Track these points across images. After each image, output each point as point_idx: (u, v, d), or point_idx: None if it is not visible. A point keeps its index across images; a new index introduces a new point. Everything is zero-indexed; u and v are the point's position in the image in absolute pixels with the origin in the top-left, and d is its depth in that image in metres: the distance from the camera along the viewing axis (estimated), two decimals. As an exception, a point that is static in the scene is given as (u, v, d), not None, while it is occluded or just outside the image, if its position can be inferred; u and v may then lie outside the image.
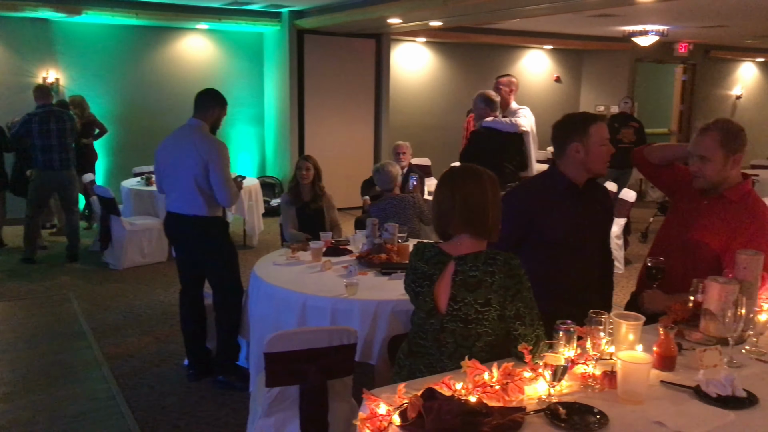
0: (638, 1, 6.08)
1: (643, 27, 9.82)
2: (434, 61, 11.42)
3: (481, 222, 2.14)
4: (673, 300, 2.43)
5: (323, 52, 9.48)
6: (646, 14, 8.70)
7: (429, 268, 2.19)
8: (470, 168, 2.24)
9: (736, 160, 2.58)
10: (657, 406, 1.80)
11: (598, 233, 2.76)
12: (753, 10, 8.18)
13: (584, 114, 2.67)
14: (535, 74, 12.52)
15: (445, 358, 2.15)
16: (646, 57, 12.31)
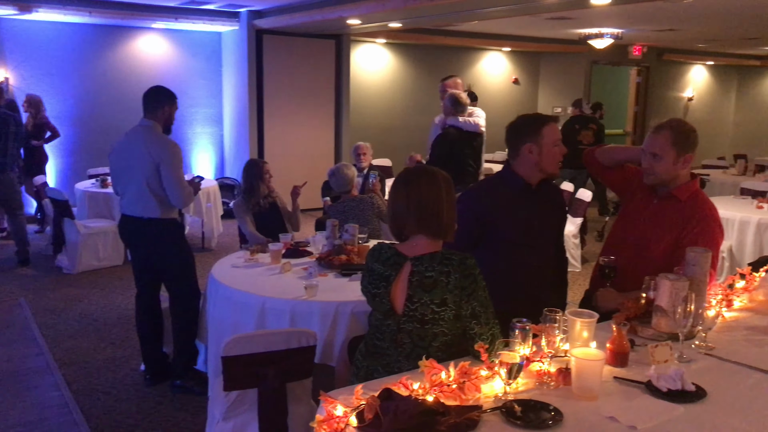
0: (593, 5, 6.18)
1: (599, 30, 10.03)
2: (394, 63, 11.45)
3: (435, 222, 2.15)
4: (625, 297, 2.48)
5: (282, 53, 9.42)
6: (601, 17, 8.88)
7: (385, 269, 2.19)
8: (424, 169, 2.26)
9: (686, 159, 2.65)
10: (610, 402, 1.83)
11: (552, 232, 2.81)
12: (702, 16, 8.42)
13: (537, 115, 2.72)
14: (494, 76, 12.66)
15: (402, 359, 2.15)
16: (602, 59, 12.57)
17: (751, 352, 2.20)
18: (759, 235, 5.86)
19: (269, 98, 9.43)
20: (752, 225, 5.87)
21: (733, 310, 2.63)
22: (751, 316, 2.57)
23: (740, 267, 3.03)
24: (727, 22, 9.03)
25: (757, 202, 6.23)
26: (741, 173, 9.02)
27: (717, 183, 8.73)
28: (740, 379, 2.00)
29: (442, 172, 2.23)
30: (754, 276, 2.83)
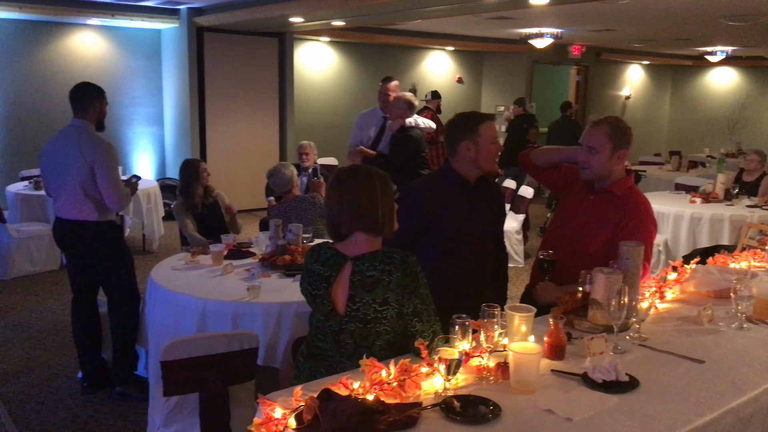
0: (532, 5, 6.30)
1: (539, 30, 10.22)
2: (339, 61, 11.42)
3: (370, 219, 2.15)
4: (563, 291, 2.54)
5: (224, 51, 9.27)
6: (540, 17, 9.05)
7: (325, 270, 2.18)
8: (358, 168, 2.26)
9: (621, 155, 2.73)
10: (548, 394, 1.86)
11: (492, 228, 2.85)
12: (637, 17, 8.69)
13: (474, 113, 2.76)
14: (438, 75, 12.77)
15: (345, 359, 2.14)
16: (543, 59, 12.83)
17: (681, 342, 2.28)
18: (692, 228, 6.09)
19: (211, 97, 9.27)
20: (686, 219, 6.09)
21: (666, 301, 2.72)
22: (682, 306, 2.66)
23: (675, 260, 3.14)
24: (660, 23, 9.34)
25: (690, 197, 6.46)
26: (676, 169, 9.36)
27: (653, 178, 9.04)
28: (671, 368, 2.07)
29: (379, 171, 2.23)
30: (685, 268, 2.93)
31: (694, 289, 2.81)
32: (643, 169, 9.43)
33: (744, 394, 1.91)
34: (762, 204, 6.16)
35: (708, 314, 2.48)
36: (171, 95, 9.53)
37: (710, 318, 2.48)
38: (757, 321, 2.49)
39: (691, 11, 8.01)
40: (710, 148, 11.77)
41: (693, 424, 1.73)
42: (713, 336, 2.35)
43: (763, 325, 2.46)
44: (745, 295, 2.42)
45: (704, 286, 2.78)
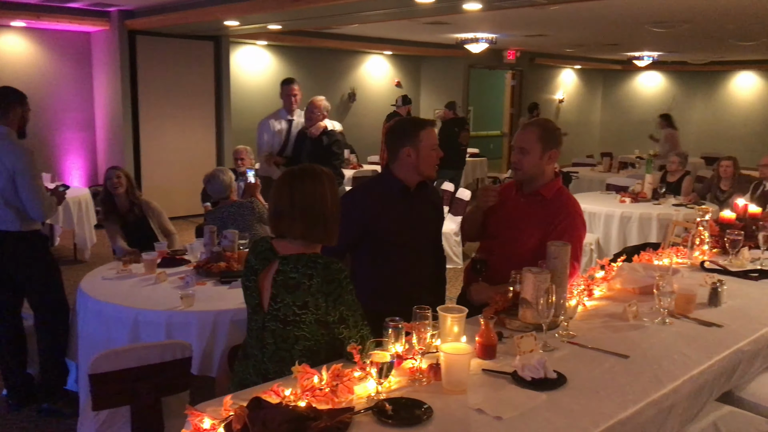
0: (466, 10, 6.40)
1: (474, 35, 10.40)
2: (277, 65, 11.33)
3: (317, 223, 2.16)
4: (496, 291, 2.59)
5: (158, 54, 9.06)
6: (475, 23, 9.22)
7: (257, 262, 2.19)
8: (311, 168, 2.26)
9: (551, 156, 2.81)
10: (479, 394, 1.89)
11: (430, 232, 2.89)
12: (568, 22, 8.95)
13: (415, 119, 2.81)
14: (377, 79, 12.83)
15: (267, 360, 2.15)
16: (479, 63, 13.05)
17: (608, 338, 2.35)
18: (622, 227, 6.30)
19: (145, 102, 9.04)
20: (616, 218, 6.29)
21: (594, 299, 2.81)
22: (609, 303, 2.74)
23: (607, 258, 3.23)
24: (589, 28, 9.64)
25: (620, 197, 6.68)
26: (607, 170, 9.66)
27: (585, 179, 9.30)
28: (598, 364, 2.13)
29: (330, 172, 2.25)
30: (612, 266, 3.02)
31: (621, 287, 2.91)
32: (576, 171, 9.70)
33: (665, 386, 1.99)
34: (687, 203, 6.42)
35: (633, 310, 2.57)
36: (102, 100, 9.25)
37: (635, 314, 2.57)
38: (678, 315, 2.60)
39: (619, 17, 8.31)
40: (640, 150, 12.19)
41: (616, 417, 1.79)
42: (638, 331, 2.44)
43: (684, 319, 2.57)
44: (667, 291, 2.52)
45: (630, 283, 2.88)
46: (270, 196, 2.28)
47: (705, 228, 3.49)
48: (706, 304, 2.74)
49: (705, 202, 6.47)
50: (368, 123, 12.15)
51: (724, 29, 9.20)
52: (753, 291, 2.97)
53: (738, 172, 6.73)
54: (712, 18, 8.13)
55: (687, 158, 7.47)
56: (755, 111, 15.66)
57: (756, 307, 2.75)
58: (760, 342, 2.46)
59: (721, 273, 3.14)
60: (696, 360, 2.18)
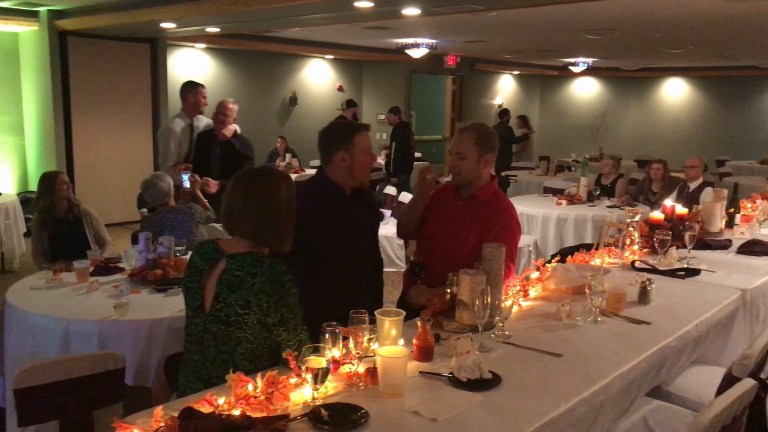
0: (404, 15, 6.45)
1: (415, 40, 10.49)
2: (216, 68, 11.15)
3: (269, 226, 2.15)
4: (433, 294, 2.61)
5: (91, 56, 8.79)
6: (415, 28, 9.30)
7: (202, 263, 2.17)
8: (269, 170, 2.26)
9: (488, 160, 2.85)
10: (415, 397, 1.90)
11: (367, 235, 2.89)
12: (505, 28, 9.13)
13: (350, 123, 2.81)
14: (318, 83, 12.79)
15: (209, 364, 2.11)
16: (420, 68, 13.17)
17: (542, 338, 2.40)
18: (559, 229, 6.45)
19: (77, 105, 8.75)
20: (553, 220, 6.45)
21: (529, 299, 2.86)
22: (543, 303, 2.80)
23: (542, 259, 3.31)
24: (526, 35, 9.86)
25: (557, 199, 6.84)
26: (544, 173, 9.88)
27: (524, 182, 9.49)
28: (532, 363, 2.17)
29: (288, 175, 2.25)
30: (546, 267, 3.09)
31: (555, 287, 2.97)
32: (515, 174, 9.88)
33: (596, 383, 2.04)
34: (620, 204, 6.63)
35: (566, 310, 2.63)
36: (32, 103, 8.90)
37: (568, 313, 2.63)
38: (609, 314, 2.67)
39: (555, 24, 8.53)
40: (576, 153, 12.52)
41: (549, 415, 1.83)
42: (571, 330, 2.50)
43: (615, 318, 2.65)
44: (599, 290, 2.59)
45: (563, 283, 2.95)
46: (224, 193, 2.25)
47: (635, 229, 3.61)
48: (636, 302, 2.82)
49: (637, 203, 6.69)
50: (310, 127, 12.08)
51: (653, 37, 9.56)
52: (680, 289, 3.08)
53: (668, 175, 6.99)
54: (641, 26, 8.44)
55: (620, 161, 7.72)
56: (683, 115, 16.33)
57: (682, 304, 2.85)
58: (685, 338, 2.56)
59: (650, 272, 3.25)
60: (625, 357, 2.25)
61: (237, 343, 2.08)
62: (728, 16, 7.32)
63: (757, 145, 14.56)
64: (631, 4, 6.76)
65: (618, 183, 7.13)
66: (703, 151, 14.44)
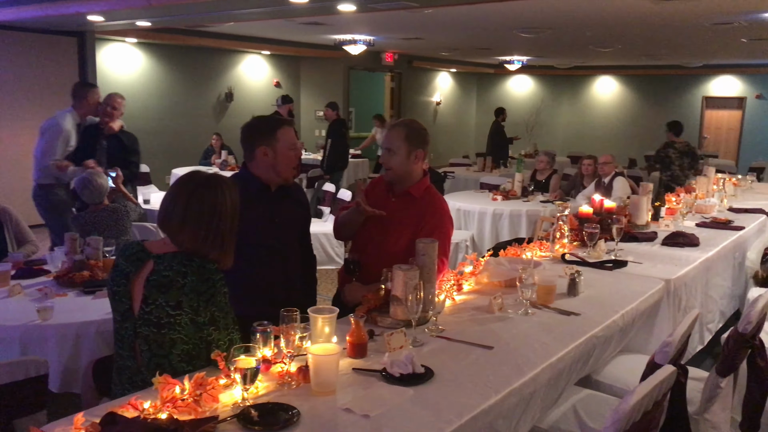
0: (340, 11, 6.42)
1: (352, 36, 10.47)
2: (148, 63, 10.84)
3: (208, 236, 2.08)
4: (368, 290, 2.60)
5: (13, 49, 8.40)
6: (352, 24, 9.27)
7: (128, 265, 2.08)
8: (213, 177, 2.18)
9: (418, 155, 2.86)
10: (348, 394, 1.89)
11: (296, 232, 2.84)
12: (442, 26, 9.21)
13: (272, 118, 2.75)
14: (255, 79, 12.61)
15: (143, 369, 2.03)
16: (358, 65, 13.15)
17: (474, 331, 2.43)
18: (495, 223, 6.56)
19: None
20: (489, 215, 6.56)
21: (463, 293, 2.90)
22: (477, 297, 2.84)
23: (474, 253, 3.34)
24: (463, 32, 9.98)
25: (493, 195, 6.96)
26: (481, 170, 10.04)
27: (461, 179, 9.62)
28: (464, 356, 2.19)
29: (231, 181, 2.19)
30: (480, 261, 3.14)
31: (488, 280, 3.02)
32: (452, 171, 10.00)
33: (525, 374, 2.08)
34: (553, 199, 6.79)
35: (498, 302, 2.67)
36: (-51, 98, 8.46)
37: (500, 306, 2.67)
38: (540, 306, 2.73)
39: (490, 23, 8.66)
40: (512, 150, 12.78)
41: (480, 407, 1.85)
42: (502, 323, 2.54)
43: (545, 309, 2.70)
44: (529, 283, 2.64)
45: (496, 277, 2.99)
46: (163, 198, 2.17)
47: (565, 222, 3.70)
48: (565, 294, 2.90)
49: (570, 198, 6.87)
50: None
51: (584, 36, 9.83)
52: (608, 280, 3.18)
53: (598, 169, 7.19)
54: (572, 25, 8.66)
55: (554, 158, 7.90)
56: (614, 112, 16.88)
57: (610, 295, 2.94)
58: (612, 328, 2.64)
59: (579, 264, 3.34)
60: (554, 348, 2.30)
61: (172, 345, 2.01)
62: (652, 17, 7.59)
63: (683, 141, 15.17)
64: (563, 3, 6.93)
65: (552, 178, 7.31)
66: (633, 146, 14.99)
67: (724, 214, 5.05)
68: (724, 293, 4.14)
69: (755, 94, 15.22)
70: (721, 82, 15.61)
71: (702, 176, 5.98)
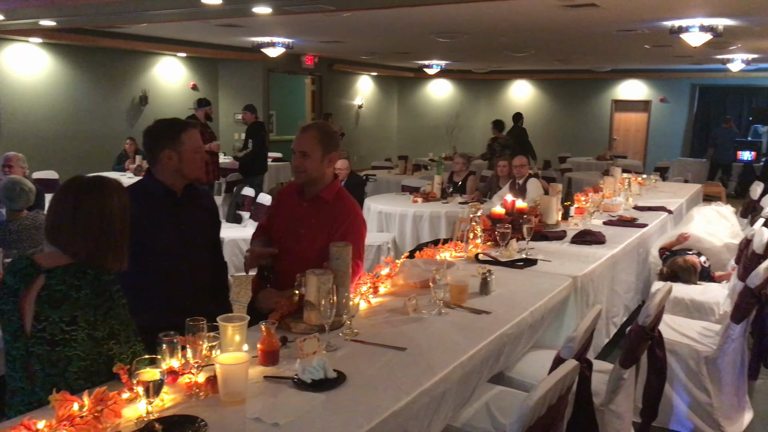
0: (255, 13, 6.34)
1: (271, 39, 10.35)
2: (55, 65, 10.35)
3: (101, 242, 1.99)
4: (282, 296, 2.57)
5: None
6: (270, 27, 9.17)
7: (16, 281, 1.95)
8: (99, 179, 2.08)
9: (331, 158, 2.85)
10: (258, 402, 1.86)
11: (205, 239, 2.77)
12: (360, 30, 9.25)
13: (176, 120, 2.67)
14: (171, 82, 12.28)
15: (38, 390, 1.92)
16: (278, 68, 13.02)
17: (388, 333, 2.45)
18: (415, 225, 6.62)
19: None
20: (410, 217, 6.61)
21: (379, 295, 2.91)
22: (392, 299, 2.86)
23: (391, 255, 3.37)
24: (381, 36, 10.06)
25: (413, 197, 7.03)
26: (403, 172, 10.11)
27: (383, 182, 9.66)
28: (377, 359, 2.20)
29: (118, 183, 2.10)
30: (396, 263, 3.16)
31: (403, 282, 3.05)
32: (374, 174, 10.05)
33: (436, 374, 2.11)
34: (471, 200, 6.92)
35: (413, 304, 2.70)
36: None
37: (415, 307, 2.70)
38: (453, 305, 2.78)
39: (407, 27, 8.76)
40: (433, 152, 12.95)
41: (390, 410, 1.86)
42: (416, 324, 2.57)
43: (458, 309, 2.75)
44: (443, 283, 2.68)
45: (411, 278, 3.03)
46: (48, 209, 2.06)
47: (478, 223, 3.78)
48: (478, 293, 2.96)
49: (487, 199, 7.03)
50: (163, 128, 11.57)
51: (499, 41, 10.11)
52: (519, 278, 3.27)
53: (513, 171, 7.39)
54: (488, 31, 8.88)
55: (470, 159, 8.06)
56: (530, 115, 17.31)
57: (520, 293, 3.03)
58: (522, 325, 2.71)
59: (492, 264, 3.42)
60: (466, 346, 2.34)
61: (68, 363, 1.91)
62: (562, 22, 7.88)
63: (595, 143, 15.82)
64: (478, 9, 7.09)
65: (468, 180, 7.45)
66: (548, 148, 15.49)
67: (629, 212, 5.30)
68: (628, 288, 4.34)
69: (659, 97, 16.07)
70: (629, 86, 16.40)
71: (609, 176, 6.25)
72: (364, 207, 6.87)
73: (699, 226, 5.16)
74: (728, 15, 7.13)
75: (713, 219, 5.46)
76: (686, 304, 4.18)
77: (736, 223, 5.78)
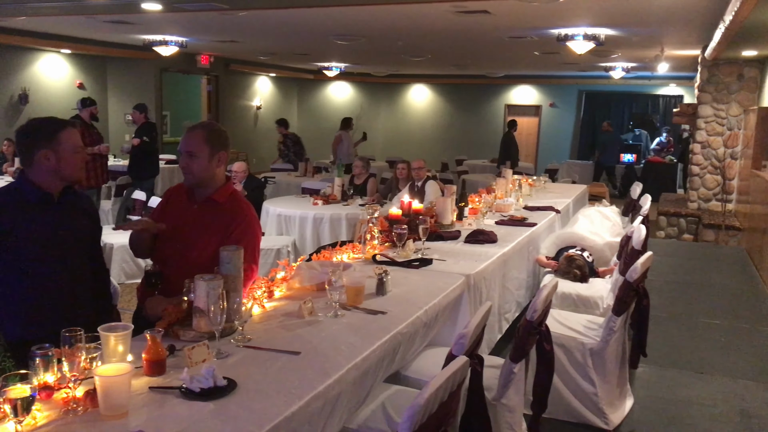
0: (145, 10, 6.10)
1: (163, 37, 9.99)
2: None
3: None
4: (171, 303, 2.47)
5: None
6: (161, 24, 8.85)
7: None
8: None
9: (221, 158, 2.77)
10: (141, 414, 1.78)
11: (84, 244, 2.62)
12: (257, 30, 9.10)
13: (52, 119, 2.52)
14: (54, 79, 11.59)
15: None
16: (172, 67, 12.60)
17: (283, 337, 2.41)
18: (316, 228, 6.59)
19: None
20: (310, 219, 6.56)
21: (274, 299, 2.86)
22: (288, 303, 2.81)
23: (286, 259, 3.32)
24: (279, 37, 9.94)
25: (314, 200, 6.99)
26: (303, 174, 10.04)
27: (284, 184, 9.55)
28: (270, 364, 2.16)
29: None
30: (292, 266, 3.12)
31: (299, 285, 3.01)
32: (273, 176, 9.91)
33: (330, 377, 2.09)
34: (371, 203, 6.96)
35: (308, 307, 2.67)
36: None
37: (310, 310, 2.67)
38: (350, 307, 2.77)
39: (304, 28, 8.70)
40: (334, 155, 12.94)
41: (282, 415, 1.82)
42: (312, 327, 2.54)
43: (354, 311, 2.75)
44: (338, 285, 2.67)
45: (307, 281, 3.00)
46: None
47: (375, 224, 3.80)
48: (374, 294, 2.97)
49: (386, 201, 7.09)
50: (47, 128, 10.89)
51: (396, 45, 10.24)
52: (415, 278, 3.32)
53: (412, 173, 7.50)
54: (385, 35, 8.98)
55: (369, 162, 8.11)
56: (428, 119, 17.80)
57: (416, 292, 3.06)
58: (416, 323, 2.75)
59: (389, 264, 3.45)
60: (360, 347, 2.34)
61: None
62: (456, 28, 8.09)
63: (489, 146, 16.34)
64: (374, 12, 7.15)
65: (369, 182, 7.50)
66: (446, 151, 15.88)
67: (520, 212, 5.50)
68: (520, 285, 4.50)
69: (549, 102, 16.84)
70: (521, 91, 17.08)
71: (501, 178, 6.47)
72: (263, 210, 6.76)
73: (583, 225, 5.44)
74: (609, 25, 7.57)
75: (596, 219, 5.78)
76: (573, 298, 4.39)
77: (618, 222, 6.14)
